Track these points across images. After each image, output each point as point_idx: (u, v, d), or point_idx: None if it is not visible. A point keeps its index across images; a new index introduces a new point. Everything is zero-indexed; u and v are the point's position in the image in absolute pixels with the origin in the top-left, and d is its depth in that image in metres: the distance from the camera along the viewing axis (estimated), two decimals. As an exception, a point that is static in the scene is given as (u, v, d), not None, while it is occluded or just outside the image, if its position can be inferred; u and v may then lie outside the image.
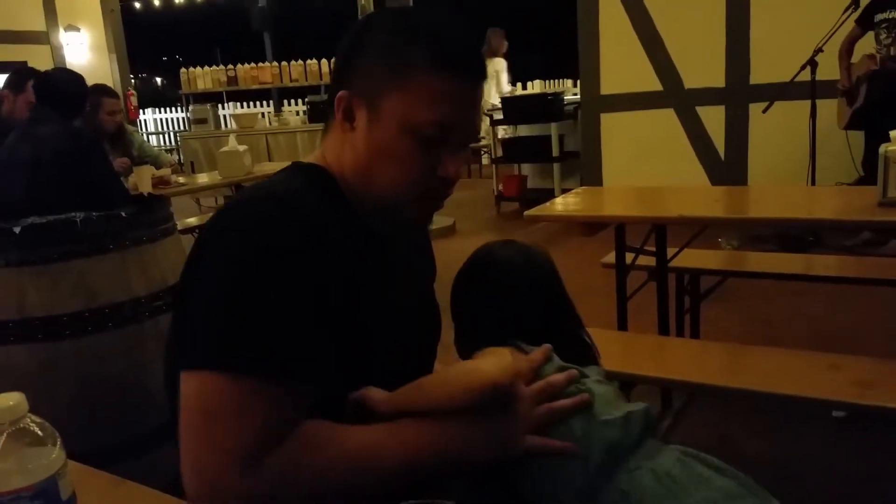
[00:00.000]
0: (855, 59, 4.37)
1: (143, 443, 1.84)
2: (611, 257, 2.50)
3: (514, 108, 6.97)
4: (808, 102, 4.23)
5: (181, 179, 4.20)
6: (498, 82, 7.87)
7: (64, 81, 2.89)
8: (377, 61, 0.86)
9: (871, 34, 4.25)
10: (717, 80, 5.36)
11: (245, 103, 13.17)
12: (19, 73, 3.62)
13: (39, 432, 0.58)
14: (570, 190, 2.99)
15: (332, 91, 0.91)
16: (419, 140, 0.85)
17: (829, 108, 4.42)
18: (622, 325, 2.43)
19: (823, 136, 4.33)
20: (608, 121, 5.85)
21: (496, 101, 7.41)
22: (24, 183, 2.58)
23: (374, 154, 0.87)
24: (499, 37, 7.69)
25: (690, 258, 2.69)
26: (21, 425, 0.57)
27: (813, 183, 4.27)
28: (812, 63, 4.12)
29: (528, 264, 1.05)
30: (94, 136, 3.16)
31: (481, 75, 0.89)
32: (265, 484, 0.75)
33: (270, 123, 8.23)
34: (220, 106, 10.29)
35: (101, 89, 3.94)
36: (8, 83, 3.58)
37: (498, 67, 7.76)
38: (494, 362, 0.86)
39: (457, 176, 0.89)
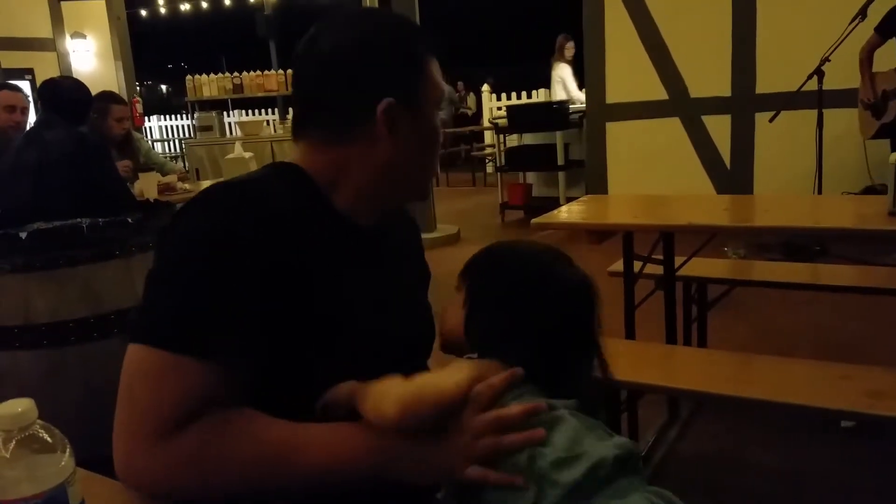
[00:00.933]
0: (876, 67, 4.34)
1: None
2: (617, 266, 2.49)
3: (519, 117, 6.97)
4: (814, 112, 4.22)
5: (187, 186, 4.21)
6: (565, 87, 7.51)
7: (70, 89, 2.91)
8: (400, 64, 0.93)
9: (890, 42, 4.22)
10: (723, 89, 5.35)
11: (250, 111, 13.21)
12: None
13: (49, 439, 0.57)
14: (575, 198, 2.98)
15: (355, 102, 0.92)
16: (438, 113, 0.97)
17: (835, 118, 4.41)
18: (630, 333, 2.41)
19: (830, 145, 4.32)
20: (614, 129, 5.85)
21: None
22: (30, 188, 2.58)
23: (422, 145, 0.96)
24: (561, 41, 7.54)
25: (697, 267, 2.68)
26: (30, 432, 0.56)
27: (819, 192, 4.25)
28: (819, 73, 4.11)
29: (576, 282, 0.94)
30: (99, 141, 3.16)
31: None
32: (171, 460, 0.76)
33: (276, 131, 8.22)
34: (225, 113, 10.31)
35: (109, 96, 3.95)
36: None
37: (562, 73, 7.54)
38: (421, 384, 0.80)
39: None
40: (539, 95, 10.81)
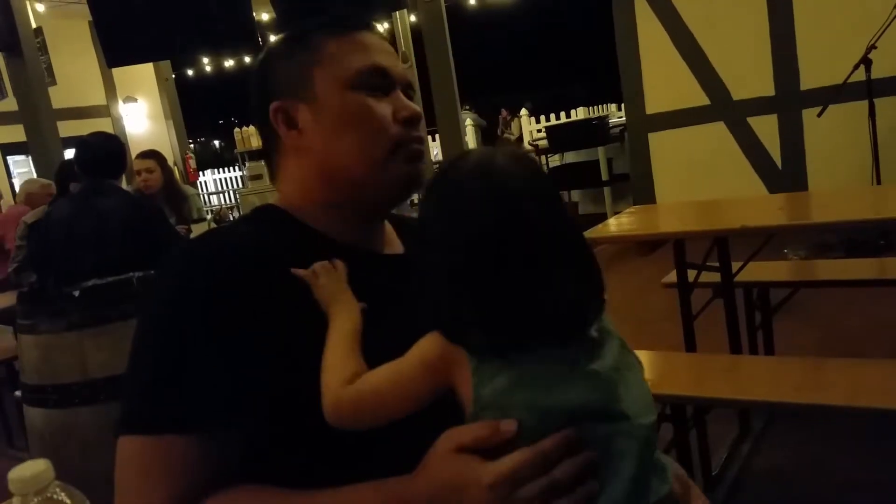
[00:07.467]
0: None
1: None
2: (671, 277, 2.41)
3: (559, 137, 6.93)
4: (865, 103, 4.05)
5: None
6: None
7: (100, 145, 2.86)
8: (288, 62, 0.87)
9: None
10: (767, 88, 5.21)
11: (296, 156, 13.48)
12: None
13: (68, 502, 0.55)
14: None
15: (261, 123, 0.88)
16: (367, 89, 0.84)
17: (888, 106, 4.22)
18: (690, 346, 2.32)
19: (885, 135, 4.14)
20: (657, 140, 5.74)
21: None
22: (91, 258, 2.55)
23: (335, 132, 0.83)
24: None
25: (757, 271, 2.57)
26: (48, 494, 0.54)
27: (878, 184, 4.07)
28: (866, 61, 3.95)
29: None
30: (154, 204, 3.19)
31: (368, 25, 0.90)
32: None
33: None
34: (272, 161, 10.52)
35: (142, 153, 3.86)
36: None
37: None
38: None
39: (417, 115, 0.85)
40: (577, 114, 10.75)
